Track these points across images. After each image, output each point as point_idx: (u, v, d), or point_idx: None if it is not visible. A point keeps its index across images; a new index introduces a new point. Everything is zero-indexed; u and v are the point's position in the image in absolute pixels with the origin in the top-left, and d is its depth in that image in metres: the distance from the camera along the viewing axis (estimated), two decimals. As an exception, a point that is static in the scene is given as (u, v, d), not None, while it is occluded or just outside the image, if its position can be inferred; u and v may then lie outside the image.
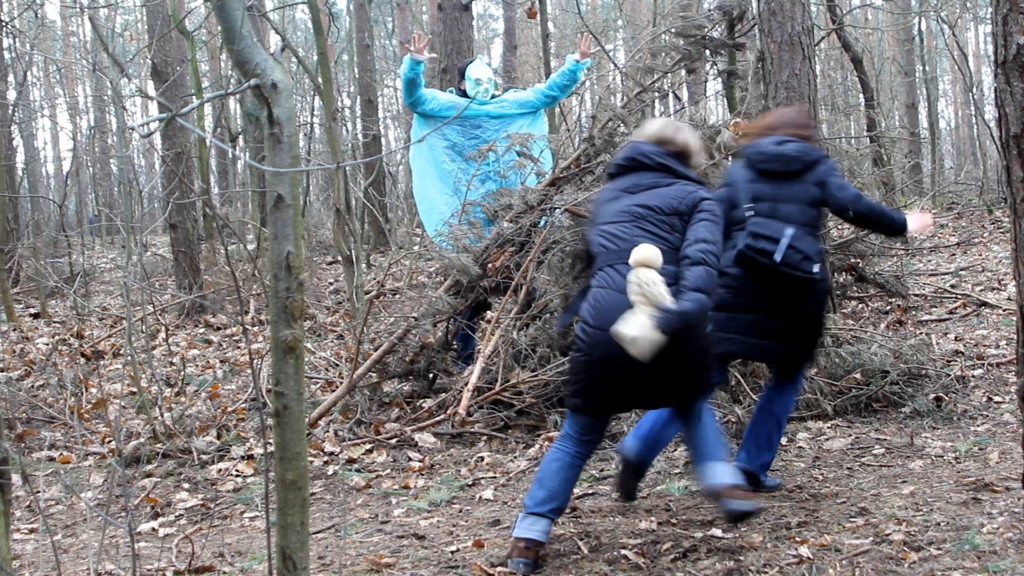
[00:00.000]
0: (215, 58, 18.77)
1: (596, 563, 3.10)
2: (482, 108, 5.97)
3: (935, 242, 10.58)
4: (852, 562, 2.91)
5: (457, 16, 11.42)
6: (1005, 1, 2.42)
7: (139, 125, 1.98)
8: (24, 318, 9.88)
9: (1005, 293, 7.35)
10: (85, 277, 11.31)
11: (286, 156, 1.91)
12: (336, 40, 19.06)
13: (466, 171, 5.78)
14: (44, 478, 4.58)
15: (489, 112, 5.98)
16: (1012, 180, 2.48)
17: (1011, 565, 2.80)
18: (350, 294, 6.90)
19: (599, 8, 27.29)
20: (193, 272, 9.82)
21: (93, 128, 21.54)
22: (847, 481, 3.88)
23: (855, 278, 6.76)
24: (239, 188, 17.46)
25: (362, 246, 9.80)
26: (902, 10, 16.04)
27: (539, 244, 5.16)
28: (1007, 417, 4.61)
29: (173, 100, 9.95)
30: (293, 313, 1.94)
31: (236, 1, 1.89)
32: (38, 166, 21.75)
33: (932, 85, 18.38)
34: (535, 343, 5.29)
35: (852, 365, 4.99)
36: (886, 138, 11.74)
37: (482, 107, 5.97)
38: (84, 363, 7.21)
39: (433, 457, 4.60)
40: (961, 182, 15.69)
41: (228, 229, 11.48)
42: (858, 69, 11.22)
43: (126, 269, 7.04)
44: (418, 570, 3.15)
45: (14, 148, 14.46)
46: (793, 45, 5.62)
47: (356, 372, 5.16)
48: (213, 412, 5.50)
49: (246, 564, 3.31)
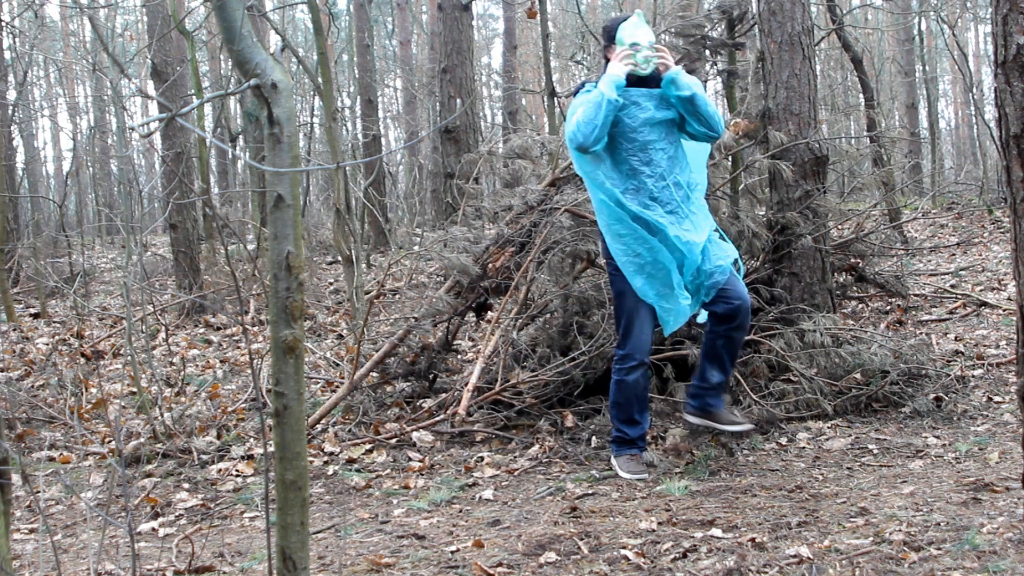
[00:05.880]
0: (215, 58, 18.76)
1: (596, 563, 3.10)
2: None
3: (935, 242, 10.58)
4: (852, 562, 2.91)
5: (457, 16, 11.42)
6: (1005, 1, 2.42)
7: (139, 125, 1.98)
8: (24, 318, 9.88)
9: (1005, 293, 7.35)
10: (85, 277, 11.31)
11: (286, 156, 1.91)
12: (336, 40, 19.06)
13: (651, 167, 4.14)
14: (44, 478, 4.58)
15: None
16: (1012, 180, 2.48)
17: (1011, 565, 2.79)
18: (350, 294, 6.91)
19: (599, 8, 27.28)
20: (193, 272, 9.83)
21: (93, 128, 21.54)
22: (847, 481, 3.88)
23: (855, 278, 6.77)
24: (239, 188, 17.46)
25: (362, 246, 9.80)
26: (902, 10, 16.04)
27: (539, 244, 5.17)
28: (1007, 417, 4.61)
29: (173, 100, 9.95)
30: (293, 313, 1.94)
31: (236, 1, 1.88)
32: (38, 166, 21.75)
33: (932, 85, 18.38)
34: (535, 343, 5.30)
35: (852, 365, 4.99)
36: (886, 138, 11.74)
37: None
38: (84, 363, 7.21)
39: (433, 457, 4.61)
40: (961, 182, 15.69)
41: (228, 229, 11.48)
42: (858, 69, 11.22)
43: (126, 269, 7.04)
44: (418, 570, 3.15)
45: (14, 148, 14.46)
46: (793, 45, 5.62)
47: (357, 373, 5.17)
48: (213, 412, 5.50)
49: (246, 564, 3.31)
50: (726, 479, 4.04)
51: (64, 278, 11.16)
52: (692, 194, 4.18)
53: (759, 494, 3.77)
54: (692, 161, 4.30)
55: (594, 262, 5.24)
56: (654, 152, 4.10)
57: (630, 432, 4.22)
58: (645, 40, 4.06)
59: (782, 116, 5.63)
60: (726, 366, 4.22)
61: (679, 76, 4.09)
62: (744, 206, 5.92)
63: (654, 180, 4.09)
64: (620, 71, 4.06)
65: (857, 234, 6.83)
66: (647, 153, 4.10)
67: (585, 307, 5.24)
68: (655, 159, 4.10)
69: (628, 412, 4.22)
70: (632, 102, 4.10)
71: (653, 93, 4.12)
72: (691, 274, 4.12)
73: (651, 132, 4.11)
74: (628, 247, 4.13)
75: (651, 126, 4.11)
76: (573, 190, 5.29)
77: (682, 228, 4.09)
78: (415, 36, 22.76)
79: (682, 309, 4.14)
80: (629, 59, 4.06)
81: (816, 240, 5.57)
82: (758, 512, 3.52)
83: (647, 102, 4.11)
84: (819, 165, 5.65)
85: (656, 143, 4.11)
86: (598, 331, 4.93)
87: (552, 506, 3.78)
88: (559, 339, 5.23)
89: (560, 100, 10.18)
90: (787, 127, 5.61)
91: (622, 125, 4.10)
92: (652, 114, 4.11)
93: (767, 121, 5.66)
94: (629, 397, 4.21)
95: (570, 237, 5.16)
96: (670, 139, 4.16)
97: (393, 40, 21.96)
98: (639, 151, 4.10)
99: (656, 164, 4.10)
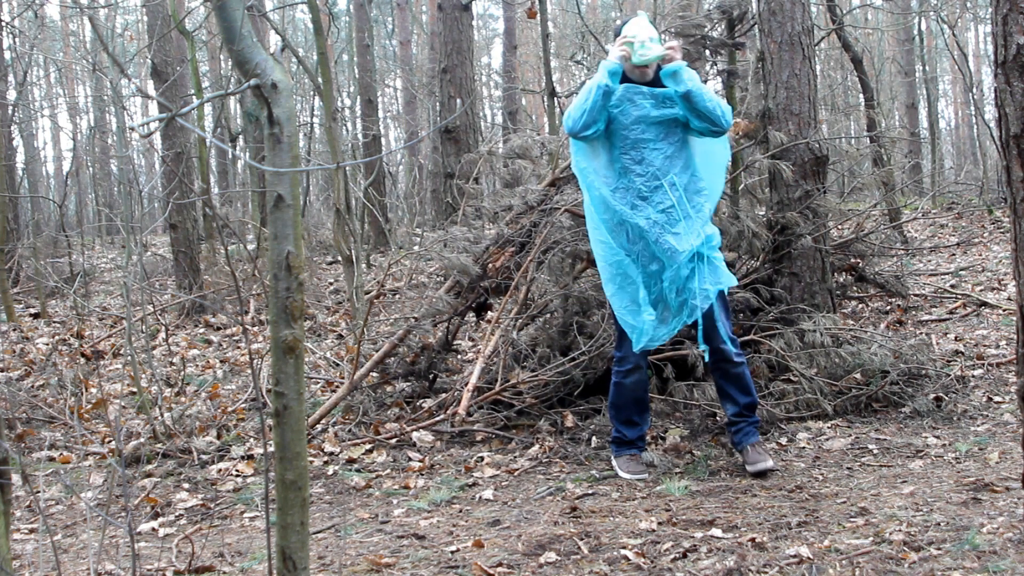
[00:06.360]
0: (215, 58, 18.76)
1: (596, 563, 3.10)
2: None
3: (935, 242, 10.58)
4: (852, 562, 2.91)
5: (457, 16, 11.42)
6: (1005, 1, 2.42)
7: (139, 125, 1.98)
8: (24, 318, 9.88)
9: (1005, 293, 7.35)
10: (85, 277, 11.31)
11: (286, 156, 1.91)
12: (336, 40, 19.06)
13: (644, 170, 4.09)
14: (44, 478, 4.58)
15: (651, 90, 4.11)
16: (1012, 180, 2.48)
17: (1011, 565, 2.79)
18: (350, 294, 6.91)
19: (599, 8, 27.28)
20: (193, 272, 9.83)
21: (93, 128, 21.54)
22: (847, 481, 3.88)
23: (855, 278, 6.77)
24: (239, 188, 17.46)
25: (362, 246, 9.80)
26: (902, 10, 16.04)
27: (539, 244, 5.16)
28: (1007, 417, 4.61)
29: (173, 100, 9.95)
30: (293, 313, 1.94)
31: (236, 1, 1.88)
32: (38, 166, 21.75)
33: (932, 85, 18.38)
34: (535, 343, 5.29)
35: (852, 365, 4.99)
36: (886, 138, 11.74)
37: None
38: (84, 363, 7.21)
39: (433, 457, 4.60)
40: (961, 182, 15.69)
41: (228, 229, 11.48)
42: (858, 69, 11.22)
43: (126, 269, 7.04)
44: (418, 570, 3.15)
45: (14, 148, 14.46)
46: (793, 45, 5.62)
47: (357, 373, 5.17)
48: (213, 412, 5.50)
49: (246, 564, 3.31)
50: (726, 479, 4.04)
51: (64, 278, 11.16)
52: (692, 197, 4.08)
53: (759, 494, 3.77)
54: (705, 165, 4.18)
55: (594, 262, 5.24)
56: (647, 151, 4.05)
57: (628, 433, 4.22)
58: (645, 35, 4.03)
59: (782, 116, 5.63)
60: (735, 397, 4.14)
61: (680, 70, 4.01)
62: (744, 206, 5.92)
63: (644, 179, 4.03)
64: (614, 56, 4.05)
65: (857, 234, 6.83)
66: (639, 151, 4.05)
67: (585, 307, 5.24)
68: (647, 158, 4.04)
69: (627, 414, 4.22)
70: (627, 99, 4.05)
71: (654, 92, 4.07)
72: (674, 284, 4.03)
73: (645, 131, 4.05)
74: (605, 255, 4.12)
75: (646, 124, 4.05)
76: (573, 190, 5.29)
77: (672, 231, 4.00)
78: (415, 36, 22.76)
79: (645, 327, 4.04)
80: (625, 48, 4.05)
81: (816, 240, 5.57)
82: (758, 512, 3.52)
83: (643, 100, 4.05)
84: (819, 165, 5.65)
85: (650, 142, 4.05)
86: (598, 331, 4.92)
87: (552, 506, 3.78)
88: (559, 339, 5.23)
89: (560, 100, 10.18)
90: (787, 127, 5.61)
91: (616, 123, 4.06)
92: (647, 112, 4.03)
93: (767, 121, 5.66)
94: (627, 399, 4.21)
95: (570, 237, 5.15)
96: (669, 139, 4.08)
97: (393, 40, 21.97)
98: (631, 149, 4.06)
99: (648, 163, 4.04)
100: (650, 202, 4.03)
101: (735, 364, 4.11)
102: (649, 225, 4.00)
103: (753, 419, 4.16)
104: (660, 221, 4.01)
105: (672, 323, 4.07)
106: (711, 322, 4.06)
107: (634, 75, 4.09)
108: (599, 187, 4.09)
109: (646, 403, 4.28)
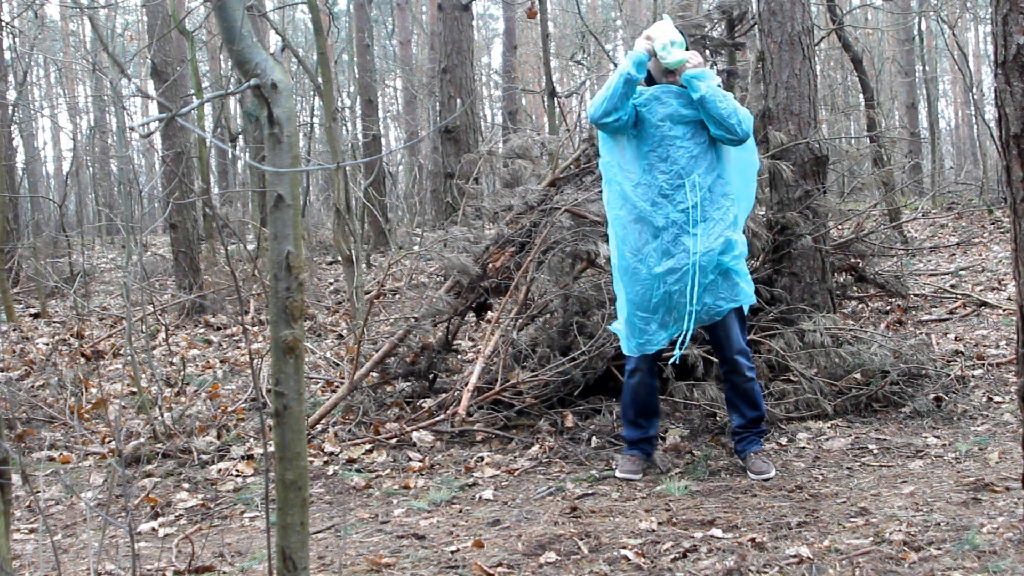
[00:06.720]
0: (215, 58, 18.76)
1: (596, 563, 3.10)
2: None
3: (935, 242, 10.59)
4: (852, 562, 2.91)
5: (457, 16, 11.42)
6: (1005, 1, 2.42)
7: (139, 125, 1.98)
8: (24, 318, 9.88)
9: (1005, 293, 7.35)
10: (85, 277, 11.31)
11: (286, 156, 1.91)
12: (336, 40, 19.06)
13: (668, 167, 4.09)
14: (44, 478, 4.58)
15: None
16: (1012, 180, 2.48)
17: (1011, 565, 2.79)
18: (350, 294, 6.91)
19: (599, 8, 27.29)
20: (193, 272, 9.83)
21: (93, 128, 21.54)
22: (847, 481, 3.88)
23: (855, 278, 6.77)
24: (239, 188, 17.46)
25: (362, 246, 9.80)
26: (902, 10, 16.04)
27: (539, 244, 5.17)
28: (1007, 417, 4.61)
29: (173, 100, 9.95)
30: (293, 313, 1.94)
31: (236, 1, 1.88)
32: (38, 166, 21.75)
33: (932, 85, 18.38)
34: (535, 343, 5.30)
35: (852, 365, 4.99)
36: (886, 138, 11.74)
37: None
38: (84, 363, 7.21)
39: (433, 457, 4.60)
40: (961, 182, 15.69)
41: (228, 229, 11.48)
42: (858, 69, 11.22)
43: (126, 269, 7.04)
44: (418, 570, 3.15)
45: (14, 148, 14.46)
46: (793, 45, 5.62)
47: (357, 373, 5.17)
48: (213, 412, 5.50)
49: (246, 564, 3.31)
50: (726, 479, 4.04)
51: (64, 278, 11.16)
52: (717, 199, 4.05)
53: (759, 494, 3.77)
54: (738, 172, 4.17)
55: (594, 262, 5.24)
56: (673, 149, 4.04)
57: (630, 434, 4.22)
58: (667, 38, 4.06)
59: (782, 116, 5.63)
60: (742, 410, 4.13)
61: (699, 77, 4.02)
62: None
63: (667, 177, 4.03)
64: (640, 47, 4.06)
65: (857, 234, 6.83)
66: (664, 149, 4.04)
67: (585, 307, 5.24)
68: (672, 155, 4.04)
69: (631, 415, 4.22)
70: (655, 97, 4.07)
71: (683, 91, 4.09)
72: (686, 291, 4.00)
73: (672, 128, 4.05)
74: (619, 249, 4.13)
75: (673, 122, 4.05)
76: (573, 190, 5.29)
77: (690, 231, 3.99)
78: (415, 36, 22.75)
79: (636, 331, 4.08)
80: (649, 44, 4.06)
81: (816, 240, 5.57)
82: (758, 512, 3.52)
83: (671, 99, 4.06)
84: (819, 165, 5.65)
85: (677, 140, 4.04)
86: (598, 331, 4.92)
87: (552, 506, 3.78)
88: (559, 339, 5.23)
89: (560, 100, 10.18)
90: (787, 127, 5.61)
91: (644, 121, 4.08)
92: (674, 110, 4.04)
93: (767, 121, 5.67)
94: (630, 400, 4.21)
95: (570, 237, 5.15)
96: (696, 139, 4.07)
97: (393, 40, 21.96)
98: (657, 146, 4.05)
99: (673, 161, 4.03)
100: (671, 200, 4.02)
101: (746, 379, 4.11)
102: (667, 224, 4.00)
103: (758, 430, 4.17)
104: (679, 221, 4.00)
105: (672, 328, 4.07)
106: (725, 332, 4.07)
107: (662, 81, 4.11)
108: (621, 181, 4.09)
109: (652, 409, 4.24)
